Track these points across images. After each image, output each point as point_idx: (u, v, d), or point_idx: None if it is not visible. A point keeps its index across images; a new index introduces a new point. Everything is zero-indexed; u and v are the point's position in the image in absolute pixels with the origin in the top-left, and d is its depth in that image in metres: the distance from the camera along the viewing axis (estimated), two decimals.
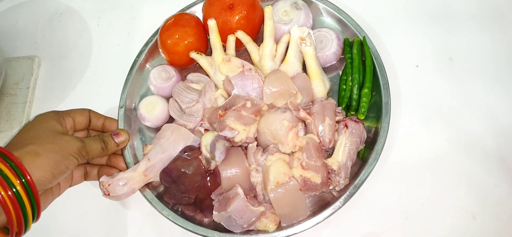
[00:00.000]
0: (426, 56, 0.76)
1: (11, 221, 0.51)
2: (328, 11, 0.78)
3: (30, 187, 0.53)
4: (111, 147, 0.67)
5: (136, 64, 0.79)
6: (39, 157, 0.55)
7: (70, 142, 0.60)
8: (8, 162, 0.52)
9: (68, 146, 0.59)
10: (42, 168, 0.55)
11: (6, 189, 0.50)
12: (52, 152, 0.57)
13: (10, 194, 0.51)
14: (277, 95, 0.68)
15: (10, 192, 0.51)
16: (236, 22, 0.72)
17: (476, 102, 0.71)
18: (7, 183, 0.51)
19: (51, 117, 0.63)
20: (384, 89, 0.69)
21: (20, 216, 0.52)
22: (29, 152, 0.55)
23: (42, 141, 0.57)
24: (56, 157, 0.57)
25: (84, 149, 0.61)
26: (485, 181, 0.66)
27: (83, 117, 0.68)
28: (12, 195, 0.51)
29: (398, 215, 0.66)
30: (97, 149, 0.64)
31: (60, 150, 0.58)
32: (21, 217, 0.52)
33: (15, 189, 0.51)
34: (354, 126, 0.65)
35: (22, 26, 0.93)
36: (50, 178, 0.56)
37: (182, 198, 0.65)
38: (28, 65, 0.86)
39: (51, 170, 0.56)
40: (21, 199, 0.51)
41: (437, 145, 0.69)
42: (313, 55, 0.68)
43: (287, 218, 0.63)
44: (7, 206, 0.50)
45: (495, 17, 0.78)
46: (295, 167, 0.63)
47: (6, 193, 0.50)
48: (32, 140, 0.57)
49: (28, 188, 0.52)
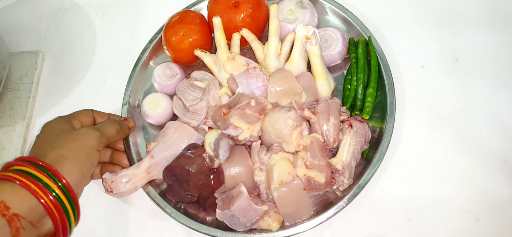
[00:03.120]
0: (432, 57, 0.76)
1: (57, 224, 0.53)
2: (334, 10, 0.78)
3: (67, 190, 0.54)
4: (125, 129, 0.68)
5: (140, 61, 0.78)
6: (66, 160, 0.55)
7: (88, 132, 0.60)
8: (43, 170, 0.53)
9: (87, 138, 0.59)
10: (71, 171, 0.55)
11: (47, 194, 0.51)
12: (75, 151, 0.57)
13: (51, 199, 0.52)
14: (281, 94, 0.68)
15: (51, 196, 0.52)
16: (241, 20, 0.72)
17: (481, 104, 0.71)
18: (47, 189, 0.52)
19: (60, 120, 0.63)
20: (389, 90, 0.69)
21: (64, 218, 0.53)
22: (56, 156, 0.55)
23: (62, 142, 0.58)
24: (80, 156, 0.57)
25: (103, 136, 0.62)
26: (489, 183, 0.66)
27: (87, 118, 0.68)
28: (53, 199, 0.52)
29: (402, 216, 0.65)
30: (113, 132, 0.65)
31: (82, 146, 0.58)
32: (65, 219, 0.54)
33: (55, 193, 0.52)
34: (359, 126, 0.64)
35: (27, 21, 0.93)
36: (80, 179, 0.57)
37: (185, 196, 0.65)
38: (32, 60, 0.86)
39: (79, 170, 0.56)
40: (62, 202, 0.53)
41: (441, 146, 0.69)
42: (318, 55, 0.68)
43: (290, 217, 0.63)
44: (51, 210, 0.52)
45: (501, 19, 0.78)
46: (299, 166, 0.63)
47: (48, 198, 0.51)
48: (52, 144, 0.57)
49: (66, 191, 0.53)
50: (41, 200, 0.51)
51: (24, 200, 0.50)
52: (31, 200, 0.51)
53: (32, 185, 0.51)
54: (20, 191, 0.50)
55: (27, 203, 0.50)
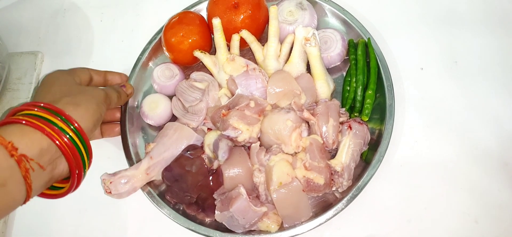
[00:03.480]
0: (431, 59, 0.76)
1: (72, 165, 0.54)
2: (333, 12, 0.78)
3: (80, 133, 0.55)
4: (124, 96, 0.70)
5: (139, 62, 0.78)
6: (79, 107, 0.57)
7: (97, 90, 0.63)
8: (56, 114, 0.54)
9: (96, 94, 0.62)
10: (85, 117, 0.56)
11: (62, 136, 0.52)
12: (87, 101, 0.59)
13: (66, 141, 0.53)
14: (281, 95, 0.68)
15: (66, 138, 0.53)
16: (240, 22, 0.72)
17: (480, 107, 0.71)
18: (62, 131, 0.53)
19: (63, 73, 0.65)
20: (388, 91, 0.69)
21: (79, 159, 0.55)
22: (69, 103, 0.56)
23: (72, 92, 0.60)
24: (92, 105, 0.59)
25: (108, 97, 0.64)
26: (488, 185, 0.66)
27: (84, 74, 0.69)
28: (68, 141, 0.53)
29: (401, 218, 0.65)
30: (115, 97, 0.67)
31: (92, 98, 0.60)
32: (79, 160, 0.55)
33: (69, 135, 0.53)
34: (358, 127, 0.64)
35: (26, 21, 0.93)
36: (92, 126, 0.58)
37: (184, 197, 0.65)
38: (31, 60, 0.86)
39: (91, 119, 0.58)
40: (76, 143, 0.54)
41: (440, 148, 0.69)
42: (318, 56, 0.68)
43: (289, 218, 0.63)
44: (66, 151, 0.53)
45: (500, 21, 0.78)
46: (298, 168, 0.63)
47: (62, 140, 0.52)
48: (62, 93, 0.59)
49: (78, 135, 0.55)
50: (56, 141, 0.52)
51: (34, 142, 0.51)
52: (42, 142, 0.51)
53: (46, 128, 0.51)
54: (30, 133, 0.51)
55: (38, 145, 0.51)
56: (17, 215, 0.74)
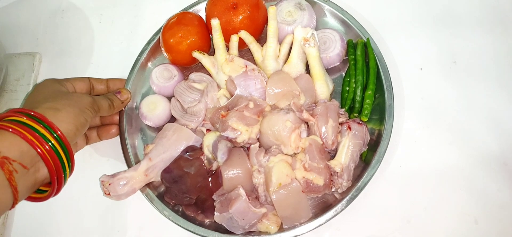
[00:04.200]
0: (430, 59, 0.76)
1: (53, 173, 0.55)
2: (332, 12, 0.78)
3: (62, 140, 0.55)
4: (117, 104, 0.69)
5: (138, 63, 0.78)
6: (60, 112, 0.57)
7: (82, 97, 0.62)
8: (38, 121, 0.54)
9: (81, 100, 0.61)
10: (66, 121, 0.57)
11: (43, 144, 0.53)
12: (70, 106, 0.59)
13: (47, 148, 0.53)
14: (280, 96, 0.68)
15: (47, 146, 0.53)
16: (239, 22, 0.72)
17: (479, 106, 0.71)
18: (43, 139, 0.53)
19: (53, 81, 0.65)
20: (387, 92, 0.69)
21: (59, 167, 0.55)
22: (49, 108, 0.57)
23: (56, 98, 0.60)
24: (75, 110, 0.59)
25: (95, 103, 0.63)
26: (487, 185, 0.66)
27: (82, 83, 0.69)
28: (49, 149, 0.53)
29: (400, 219, 0.65)
30: (105, 106, 0.66)
31: (76, 104, 0.60)
32: (60, 169, 0.55)
33: (51, 143, 0.54)
34: (357, 128, 0.64)
35: (24, 22, 0.92)
36: (74, 130, 0.58)
37: (183, 199, 0.65)
38: (29, 61, 0.85)
39: (73, 122, 0.58)
40: (57, 151, 0.54)
41: (440, 148, 0.69)
42: (317, 56, 0.68)
43: (289, 220, 0.63)
44: (47, 159, 0.53)
45: (499, 21, 0.78)
46: (297, 169, 0.62)
47: (44, 148, 0.53)
48: (46, 99, 0.59)
49: (60, 142, 0.55)
50: (38, 149, 0.52)
51: (14, 144, 0.51)
52: (22, 145, 0.52)
53: (28, 135, 0.52)
54: (10, 137, 0.52)
55: (17, 147, 0.51)
56: (15, 218, 0.73)
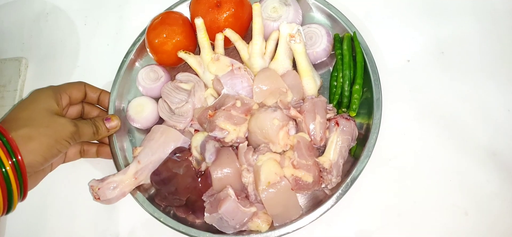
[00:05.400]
0: (417, 51, 0.75)
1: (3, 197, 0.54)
2: (318, 6, 0.77)
3: (20, 168, 0.54)
4: (102, 132, 0.68)
5: (124, 65, 0.77)
6: (32, 141, 0.56)
7: (65, 125, 0.61)
8: (1, 139, 0.53)
9: (62, 129, 0.60)
10: (34, 152, 0.56)
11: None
12: (46, 136, 0.58)
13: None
14: (267, 93, 0.68)
15: (1, 171, 0.52)
16: (224, 20, 0.71)
17: (467, 96, 0.71)
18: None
19: (48, 95, 0.64)
20: (375, 85, 0.68)
21: (5, 196, 0.54)
22: (23, 136, 0.56)
23: (36, 123, 0.59)
24: (49, 141, 0.58)
25: (77, 133, 0.62)
26: (477, 176, 0.66)
27: (79, 92, 0.69)
28: (0, 175, 0.52)
29: (391, 212, 0.65)
30: (89, 133, 0.65)
31: (54, 134, 0.59)
32: (6, 197, 0.54)
33: (4, 170, 0.53)
34: (345, 124, 0.64)
35: (8, 27, 0.91)
36: (42, 161, 0.57)
37: (173, 200, 0.65)
38: (15, 67, 0.85)
39: (43, 154, 0.57)
40: (8, 180, 0.53)
41: (429, 140, 0.69)
42: (303, 52, 0.67)
43: (279, 218, 0.63)
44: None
45: (486, 10, 0.77)
46: (286, 166, 0.62)
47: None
48: (26, 121, 0.58)
49: (17, 168, 0.54)
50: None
51: None
52: None
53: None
54: None
55: None
56: (8, 222, 0.73)
